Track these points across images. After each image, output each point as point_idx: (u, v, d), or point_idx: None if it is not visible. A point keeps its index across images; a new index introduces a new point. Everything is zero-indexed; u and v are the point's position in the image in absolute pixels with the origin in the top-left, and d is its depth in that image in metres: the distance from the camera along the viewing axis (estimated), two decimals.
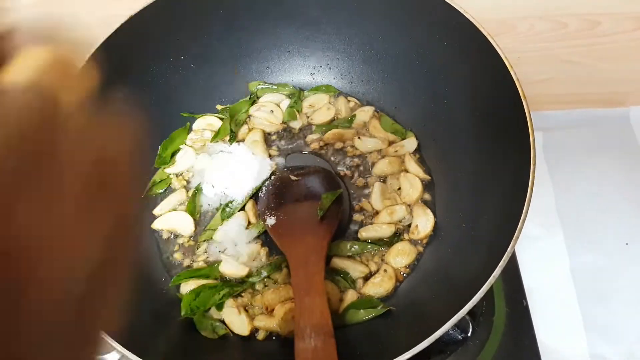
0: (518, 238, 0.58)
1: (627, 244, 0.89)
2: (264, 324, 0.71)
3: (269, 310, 0.73)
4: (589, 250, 0.89)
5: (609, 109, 1.04)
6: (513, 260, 0.86)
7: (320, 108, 0.91)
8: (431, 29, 0.78)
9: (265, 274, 0.75)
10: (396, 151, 0.85)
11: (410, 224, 0.79)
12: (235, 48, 0.89)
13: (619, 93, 1.05)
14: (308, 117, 0.91)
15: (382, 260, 0.77)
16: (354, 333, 0.70)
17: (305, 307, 0.63)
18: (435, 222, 0.78)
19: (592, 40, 1.00)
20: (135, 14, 0.76)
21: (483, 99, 0.74)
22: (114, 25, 0.75)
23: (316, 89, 0.93)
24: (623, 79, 1.04)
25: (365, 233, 0.78)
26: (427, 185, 0.82)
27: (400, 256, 0.76)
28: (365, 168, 0.85)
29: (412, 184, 0.81)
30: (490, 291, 0.81)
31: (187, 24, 0.83)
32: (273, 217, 0.77)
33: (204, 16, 0.83)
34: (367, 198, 0.82)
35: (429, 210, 0.79)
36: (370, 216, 0.81)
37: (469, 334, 0.78)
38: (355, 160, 0.86)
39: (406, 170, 0.83)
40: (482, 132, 0.74)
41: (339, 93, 0.92)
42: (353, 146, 0.87)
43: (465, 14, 0.71)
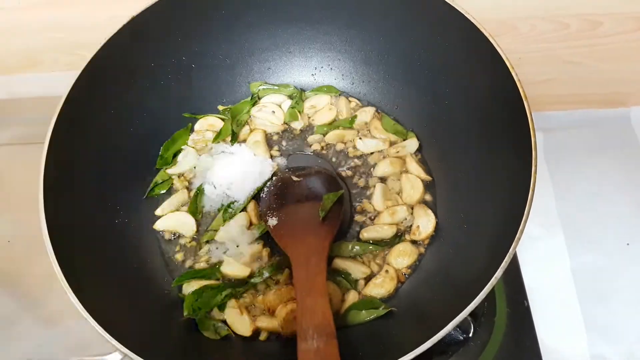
0: (520, 239, 0.58)
1: (628, 244, 0.89)
2: (266, 324, 0.72)
3: (270, 311, 0.73)
4: (590, 250, 0.89)
5: (610, 109, 1.04)
6: (514, 260, 0.86)
7: (321, 109, 0.91)
8: (432, 29, 0.78)
9: (267, 274, 0.75)
10: (397, 152, 0.85)
11: (411, 225, 0.79)
12: (236, 49, 0.89)
13: (620, 93, 1.05)
14: (309, 118, 0.91)
15: (384, 261, 0.77)
16: (356, 334, 0.70)
17: (307, 308, 0.63)
18: (437, 223, 0.78)
19: (594, 41, 1.00)
20: (136, 15, 0.76)
21: (484, 100, 0.74)
22: (116, 27, 0.75)
23: (317, 90, 0.93)
24: (624, 80, 1.04)
25: (367, 234, 0.78)
26: (428, 186, 0.82)
27: (402, 257, 0.76)
28: (367, 169, 0.85)
29: (414, 184, 0.82)
30: (492, 291, 0.80)
31: (188, 25, 0.83)
32: (275, 218, 0.77)
33: (205, 17, 0.84)
34: (369, 199, 0.82)
35: (430, 211, 0.79)
36: (372, 217, 0.81)
37: (471, 335, 0.78)
38: (357, 161, 0.86)
39: (407, 171, 0.83)
40: (483, 133, 0.74)
41: (340, 93, 0.92)
42: (354, 147, 0.87)
43: (466, 15, 0.71)
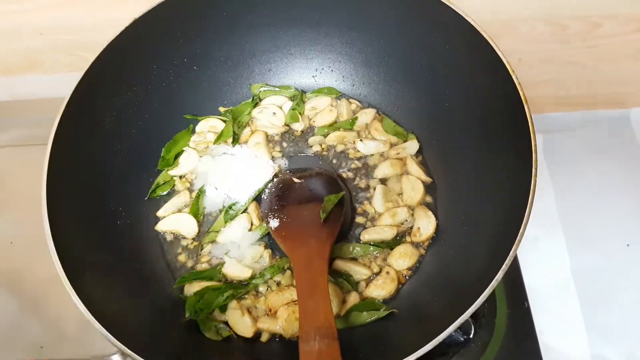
0: (520, 241, 0.58)
1: (628, 244, 0.90)
2: (268, 325, 0.72)
3: (272, 312, 0.73)
4: (590, 251, 0.89)
5: (610, 110, 1.05)
6: (514, 261, 0.86)
7: (322, 110, 0.91)
8: (432, 31, 0.78)
9: (269, 276, 0.76)
10: (398, 153, 0.85)
11: (412, 226, 0.79)
12: (237, 50, 0.89)
13: (620, 94, 1.05)
14: (310, 120, 0.91)
15: (385, 262, 0.77)
16: (357, 335, 0.71)
17: (309, 310, 0.63)
18: (437, 225, 0.78)
19: (593, 42, 1.00)
20: (139, 17, 0.77)
21: (484, 101, 0.74)
22: (118, 29, 0.75)
23: (318, 91, 0.93)
24: (624, 81, 1.04)
25: (368, 235, 0.79)
26: (429, 188, 0.83)
27: (403, 258, 0.76)
28: (367, 170, 0.86)
29: (414, 186, 0.82)
30: (492, 292, 0.80)
31: (190, 27, 0.83)
32: (276, 219, 0.77)
33: (206, 19, 0.84)
34: (369, 200, 0.82)
35: (430, 213, 0.79)
36: (372, 218, 0.81)
37: (471, 336, 0.78)
38: (357, 163, 0.86)
39: (408, 173, 0.84)
40: (483, 134, 0.75)
41: (340, 95, 0.93)
42: (355, 148, 0.87)
43: (466, 17, 0.71)
